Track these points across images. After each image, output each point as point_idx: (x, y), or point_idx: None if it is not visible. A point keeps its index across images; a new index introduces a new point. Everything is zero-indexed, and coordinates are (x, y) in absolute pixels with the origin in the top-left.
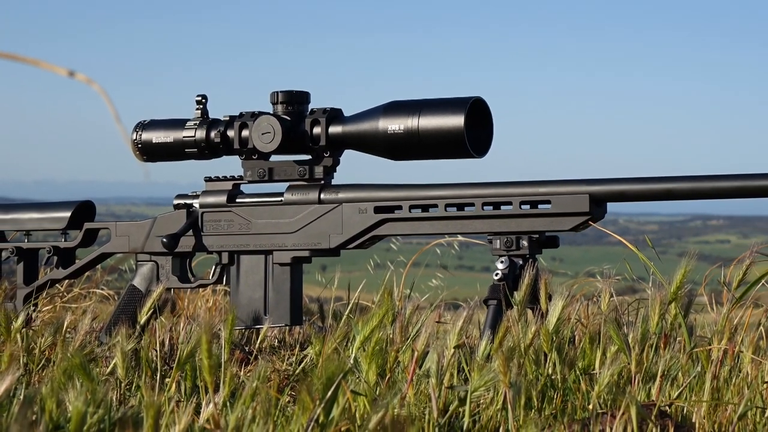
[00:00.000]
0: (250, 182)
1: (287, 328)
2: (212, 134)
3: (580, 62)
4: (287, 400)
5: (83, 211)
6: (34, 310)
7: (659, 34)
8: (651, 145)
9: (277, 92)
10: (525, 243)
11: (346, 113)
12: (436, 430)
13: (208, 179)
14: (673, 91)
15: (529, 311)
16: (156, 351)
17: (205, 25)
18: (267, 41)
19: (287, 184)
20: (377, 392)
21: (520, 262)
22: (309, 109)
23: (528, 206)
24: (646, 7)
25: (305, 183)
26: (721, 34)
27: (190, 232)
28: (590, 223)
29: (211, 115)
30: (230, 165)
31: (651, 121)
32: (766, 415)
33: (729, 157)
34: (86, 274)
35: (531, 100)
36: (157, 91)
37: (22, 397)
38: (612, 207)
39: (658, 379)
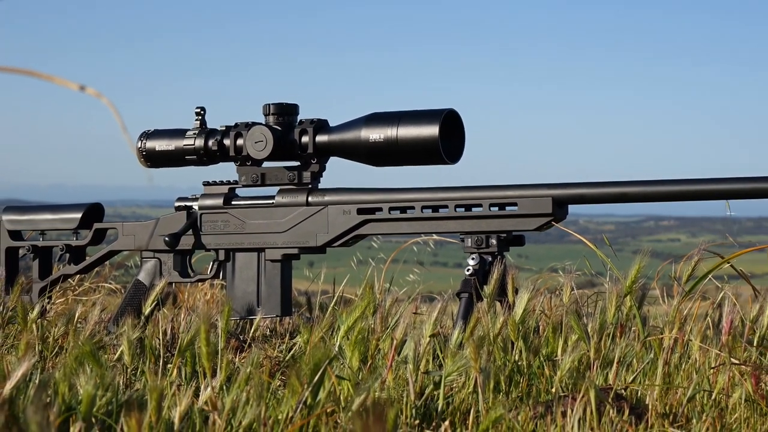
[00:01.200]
0: (244, 186)
1: (278, 318)
2: (210, 143)
3: (544, 77)
4: (278, 384)
5: (93, 212)
6: (48, 303)
7: (618, 50)
8: (609, 153)
9: (269, 104)
10: (494, 241)
11: (332, 124)
12: (413, 411)
13: (206, 183)
14: (628, 104)
15: (498, 303)
16: (159, 339)
17: (203, 43)
18: (260, 58)
19: (278, 188)
20: (360, 377)
21: (490, 258)
22: (298, 120)
23: (496, 208)
24: (606, 25)
25: (294, 187)
26: (675, 50)
27: (190, 231)
28: (553, 223)
29: (209, 125)
30: (226, 170)
31: (609, 130)
32: (712, 398)
33: (680, 164)
34: (95, 269)
35: (499, 112)
36: (159, 103)
37: (37, 381)
38: (573, 209)
39: (615, 365)
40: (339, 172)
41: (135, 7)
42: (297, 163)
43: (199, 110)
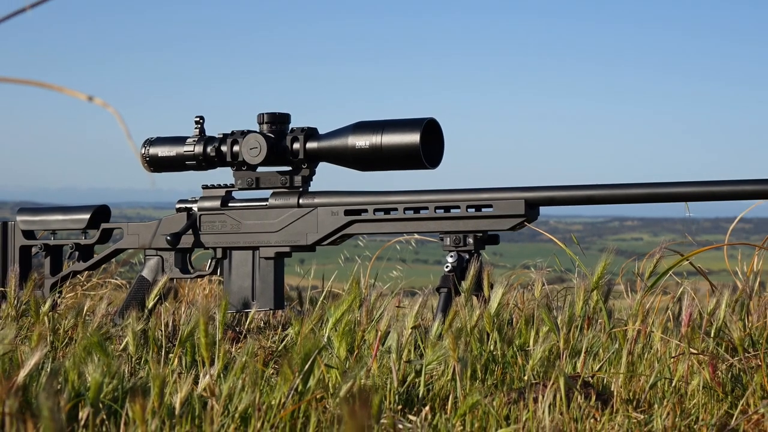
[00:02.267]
0: (240, 189)
1: (271, 311)
2: (208, 149)
3: (519, 87)
4: (271, 372)
5: (100, 213)
6: (58, 297)
7: (586, 60)
8: (578, 158)
9: (263, 114)
10: (471, 240)
11: (321, 131)
12: (396, 397)
13: (205, 187)
14: (596, 111)
15: (474, 298)
16: (161, 331)
17: (202, 57)
18: (254, 70)
19: (271, 191)
20: (347, 366)
21: (467, 256)
22: (289, 128)
23: (473, 210)
24: (575, 36)
25: (286, 190)
26: (639, 60)
27: (190, 231)
28: (525, 223)
29: (208, 133)
30: (224, 175)
31: (578, 137)
32: (672, 385)
33: (644, 168)
34: (103, 266)
35: (476, 120)
36: (161, 112)
37: (48, 369)
38: (544, 210)
39: (583, 354)
40: (327, 176)
41: (140, 23)
42: (289, 168)
43: (198, 119)
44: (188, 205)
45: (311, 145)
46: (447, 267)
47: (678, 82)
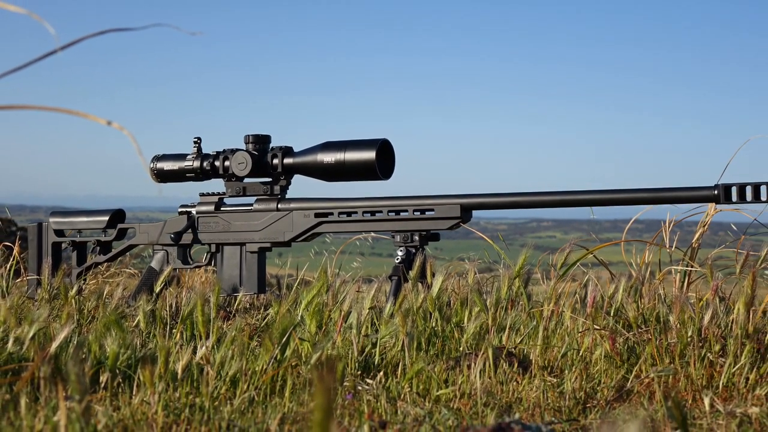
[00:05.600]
0: (230, 196)
1: (255, 295)
2: (204, 164)
3: (454, 114)
4: (255, 344)
5: (117, 216)
6: (83, 283)
7: (507, 91)
8: (503, 172)
9: (249, 135)
10: (417, 238)
11: (296, 150)
12: (356, 365)
13: (202, 194)
14: (515, 134)
15: (420, 284)
16: (166, 311)
17: (200, 88)
18: (241, 99)
19: (255, 197)
20: (316, 339)
21: (413, 250)
22: (270, 147)
23: (419, 213)
24: (493, 67)
25: (268, 197)
26: (566, 79)
27: (190, 230)
28: (461, 224)
29: (204, 151)
30: (217, 185)
31: (504, 154)
32: (579, 355)
33: (555, 179)
34: (119, 259)
35: (422, 140)
36: (166, 134)
37: (75, 342)
38: (476, 213)
39: (507, 330)
40: (301, 186)
41: (148, 63)
42: (270, 179)
43: (196, 140)
44: (188, 209)
45: (288, 160)
46: (397, 259)
47: (583, 108)
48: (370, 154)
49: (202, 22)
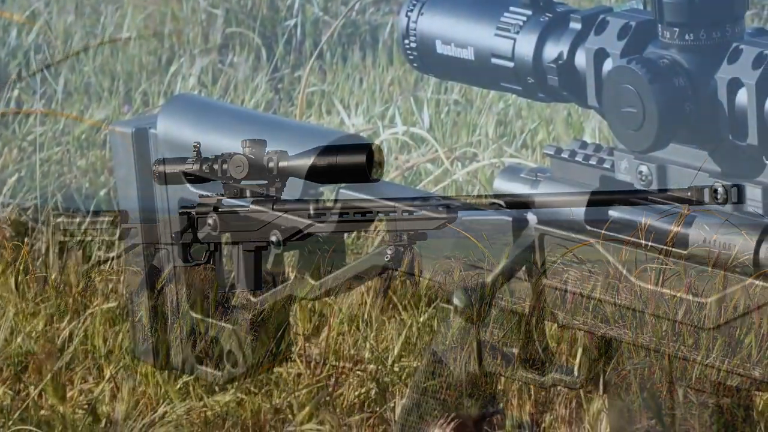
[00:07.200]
0: (228, 198)
1: (251, 291)
2: (204, 167)
3: None
4: (252, 338)
5: (122, 216)
6: (89, 281)
7: None
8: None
9: (246, 140)
10: (405, 237)
11: (290, 154)
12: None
13: (201, 196)
14: None
15: (408, 281)
16: (168, 306)
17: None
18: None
19: (252, 199)
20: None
21: (402, 249)
22: (266, 151)
23: (407, 214)
24: None
25: (263, 198)
26: None
27: (189, 230)
28: (447, 224)
29: (203, 155)
30: (215, 187)
31: None
32: (559, 348)
33: None
34: (122, 257)
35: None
36: None
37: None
38: (461, 214)
39: (491, 324)
40: (295, 188)
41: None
42: (265, 182)
43: (195, 144)
44: (188, 210)
45: (282, 164)
46: (387, 257)
47: None
48: (360, 158)
49: None
